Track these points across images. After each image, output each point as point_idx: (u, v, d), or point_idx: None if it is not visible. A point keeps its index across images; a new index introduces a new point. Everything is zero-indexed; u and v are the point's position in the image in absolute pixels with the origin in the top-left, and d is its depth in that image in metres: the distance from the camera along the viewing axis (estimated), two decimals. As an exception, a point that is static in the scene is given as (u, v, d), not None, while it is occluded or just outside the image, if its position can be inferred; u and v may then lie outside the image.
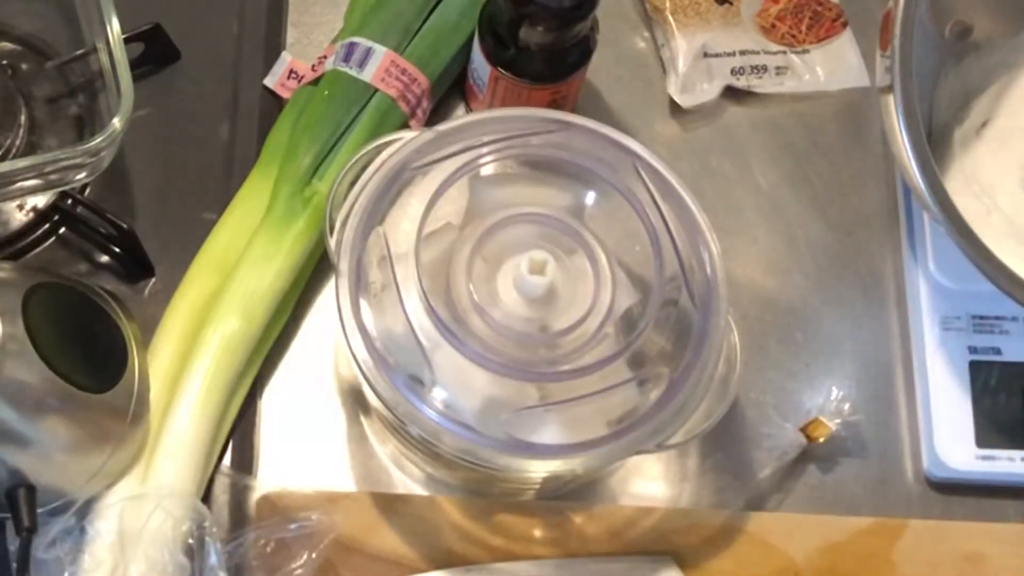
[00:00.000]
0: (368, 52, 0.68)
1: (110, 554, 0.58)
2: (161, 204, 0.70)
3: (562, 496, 0.66)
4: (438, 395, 0.55)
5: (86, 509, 0.59)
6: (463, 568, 0.63)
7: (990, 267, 0.61)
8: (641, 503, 0.67)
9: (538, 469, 0.55)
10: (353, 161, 0.60)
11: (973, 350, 0.69)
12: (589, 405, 0.55)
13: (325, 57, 0.70)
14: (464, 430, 0.54)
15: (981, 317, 0.69)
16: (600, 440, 0.55)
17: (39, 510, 0.56)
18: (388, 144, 0.59)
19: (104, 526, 0.58)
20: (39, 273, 0.60)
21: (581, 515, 0.65)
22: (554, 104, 0.68)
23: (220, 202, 0.68)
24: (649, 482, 0.67)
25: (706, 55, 0.75)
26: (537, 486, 0.64)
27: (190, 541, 0.58)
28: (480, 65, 0.68)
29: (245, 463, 0.65)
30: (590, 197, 0.60)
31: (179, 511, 0.58)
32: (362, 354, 0.55)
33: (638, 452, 0.56)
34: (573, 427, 0.55)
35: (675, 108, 0.75)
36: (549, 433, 0.55)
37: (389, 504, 0.64)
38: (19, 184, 0.62)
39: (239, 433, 0.65)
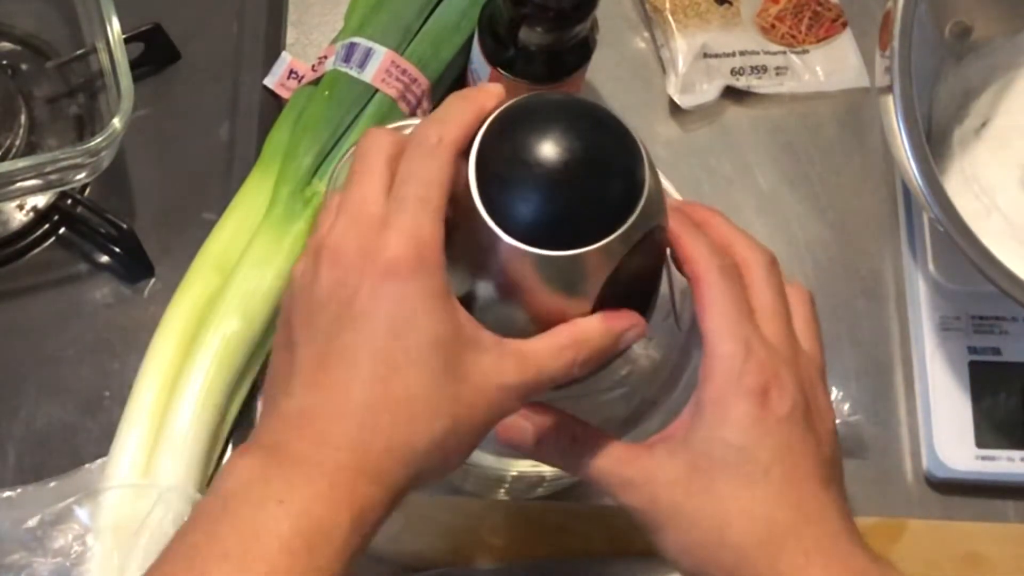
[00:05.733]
0: (368, 52, 0.68)
1: (110, 547, 0.58)
2: (161, 204, 0.70)
3: (562, 496, 0.66)
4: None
5: (87, 501, 0.59)
6: (463, 568, 0.63)
7: (990, 267, 0.61)
8: (641, 503, 0.66)
9: (506, 467, 0.54)
10: (349, 155, 0.59)
11: (973, 350, 0.69)
12: (574, 409, 0.54)
13: (325, 57, 0.70)
14: None
15: (981, 317, 0.69)
16: None
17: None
18: (388, 144, 0.59)
19: (104, 519, 0.59)
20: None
21: (581, 515, 0.65)
22: (554, 104, 0.68)
23: (220, 202, 0.68)
24: (649, 482, 0.67)
25: (706, 55, 0.75)
26: (537, 485, 0.64)
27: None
28: (480, 65, 0.68)
29: (245, 463, 0.65)
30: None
31: (180, 505, 0.58)
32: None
33: None
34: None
35: (675, 108, 0.75)
36: None
37: (389, 504, 0.64)
38: (19, 184, 0.62)
39: (239, 433, 0.65)
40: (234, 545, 0.37)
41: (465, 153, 0.43)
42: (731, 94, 0.76)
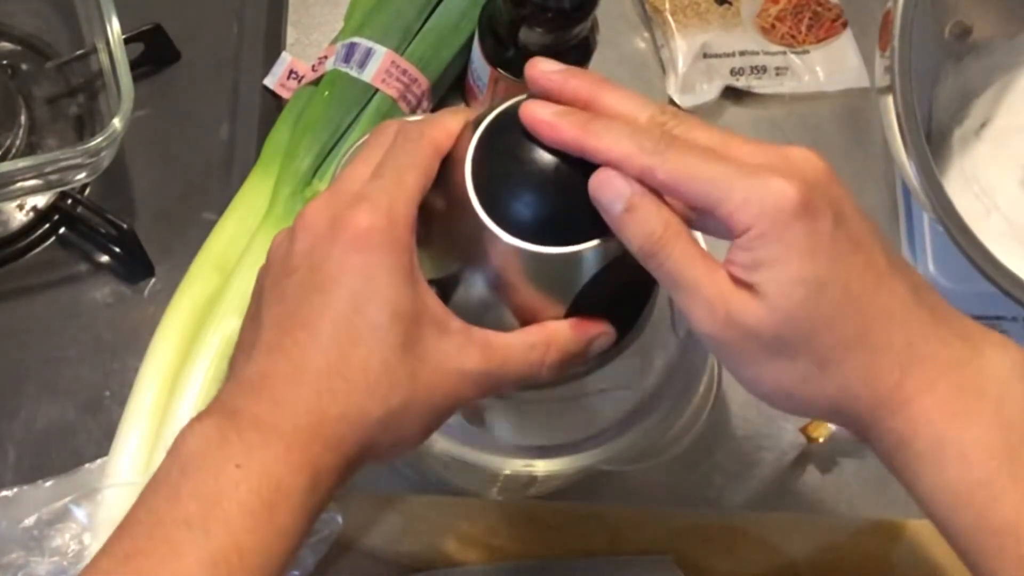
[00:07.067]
0: (368, 52, 0.68)
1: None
2: (161, 204, 0.70)
3: (559, 496, 0.66)
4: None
5: (84, 500, 0.59)
6: (463, 568, 0.63)
7: (990, 267, 0.61)
8: (641, 503, 0.67)
9: (499, 467, 0.54)
10: (350, 153, 0.59)
11: (973, 350, 0.69)
12: (574, 408, 0.54)
13: (325, 57, 0.70)
14: None
15: (981, 317, 0.69)
16: (560, 447, 0.54)
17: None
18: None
19: (102, 518, 0.59)
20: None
21: (581, 515, 0.65)
22: (554, 104, 0.68)
23: (220, 202, 0.68)
24: (649, 482, 0.67)
25: (706, 55, 0.75)
26: (533, 486, 0.64)
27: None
28: (480, 65, 0.68)
29: (245, 463, 0.65)
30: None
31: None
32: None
33: (603, 466, 0.55)
34: (538, 430, 0.55)
35: (675, 108, 0.75)
36: (513, 432, 0.54)
37: (388, 504, 0.64)
38: (19, 184, 0.62)
39: (239, 433, 0.65)
40: (195, 511, 0.38)
41: (452, 153, 0.44)
42: (731, 94, 0.76)
